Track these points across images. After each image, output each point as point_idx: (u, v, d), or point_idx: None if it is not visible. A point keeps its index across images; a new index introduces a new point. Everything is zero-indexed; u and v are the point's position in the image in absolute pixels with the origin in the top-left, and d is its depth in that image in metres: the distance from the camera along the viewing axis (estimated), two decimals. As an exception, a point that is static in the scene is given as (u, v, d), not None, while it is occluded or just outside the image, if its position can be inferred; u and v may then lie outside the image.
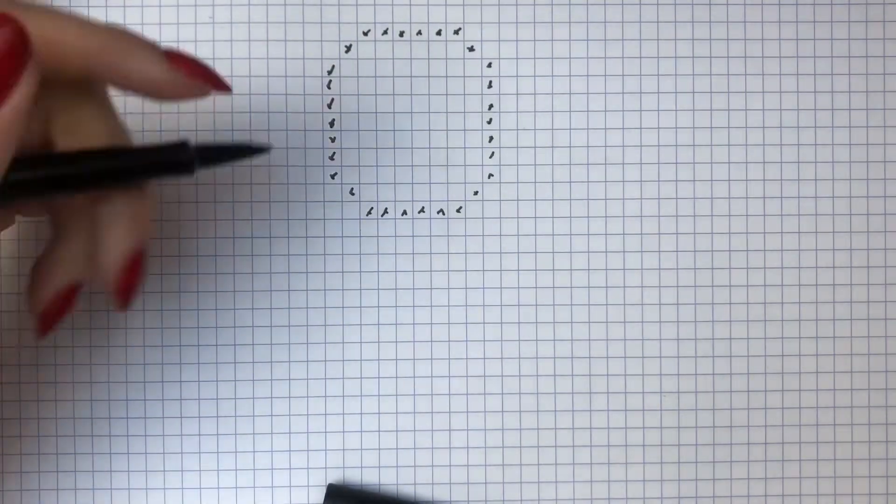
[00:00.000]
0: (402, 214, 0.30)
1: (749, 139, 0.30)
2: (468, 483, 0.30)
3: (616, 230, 0.30)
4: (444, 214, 0.30)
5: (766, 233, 0.30)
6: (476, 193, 0.30)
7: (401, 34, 0.30)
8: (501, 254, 0.30)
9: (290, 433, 0.30)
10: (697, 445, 0.30)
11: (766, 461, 0.30)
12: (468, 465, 0.30)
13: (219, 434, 0.29)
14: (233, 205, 0.30)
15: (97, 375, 0.29)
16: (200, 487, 0.29)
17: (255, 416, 0.30)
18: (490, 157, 0.30)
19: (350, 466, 0.30)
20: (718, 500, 0.30)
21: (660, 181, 0.30)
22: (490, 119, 0.30)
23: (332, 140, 0.30)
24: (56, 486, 0.29)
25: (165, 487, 0.29)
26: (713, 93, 0.30)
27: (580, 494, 0.30)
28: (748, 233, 0.30)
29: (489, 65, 0.30)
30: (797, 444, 0.30)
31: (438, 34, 0.30)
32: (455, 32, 0.30)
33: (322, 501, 0.29)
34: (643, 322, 0.30)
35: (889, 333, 0.31)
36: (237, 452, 0.30)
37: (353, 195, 0.30)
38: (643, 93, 0.30)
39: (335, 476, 0.30)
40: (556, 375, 0.30)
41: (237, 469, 0.29)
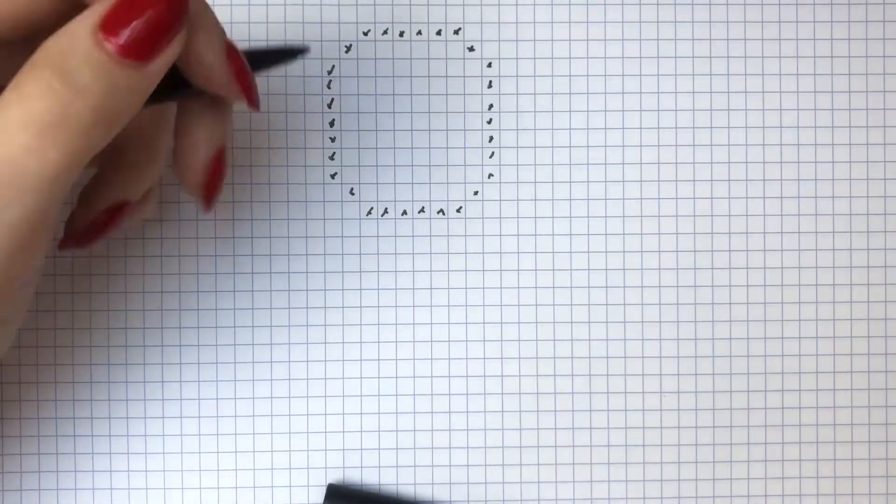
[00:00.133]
0: (402, 214, 0.30)
1: (749, 139, 0.30)
2: (468, 483, 0.30)
3: (616, 230, 0.30)
4: (444, 214, 0.30)
5: (766, 233, 0.30)
6: (476, 193, 0.30)
7: (401, 34, 0.30)
8: (501, 254, 0.30)
9: (290, 433, 0.30)
10: (697, 445, 0.30)
11: (766, 461, 0.30)
12: (468, 465, 0.30)
13: (219, 434, 0.29)
14: (233, 205, 0.30)
15: (97, 375, 0.29)
16: (200, 487, 0.29)
17: (255, 416, 0.30)
18: (490, 157, 0.30)
19: (350, 466, 0.30)
20: (718, 500, 0.30)
21: (660, 181, 0.30)
22: (490, 119, 0.30)
23: (332, 140, 0.30)
24: (56, 486, 0.29)
25: (165, 487, 0.29)
26: (713, 93, 0.30)
27: (580, 494, 0.30)
28: (748, 233, 0.30)
29: (489, 65, 0.30)
30: (797, 444, 0.30)
31: (438, 34, 0.30)
32: (455, 32, 0.30)
33: (322, 501, 0.29)
34: (643, 322, 0.30)
35: (889, 333, 0.31)
36: (237, 452, 0.30)
37: (353, 195, 0.30)
38: (643, 93, 0.30)
39: (335, 476, 0.30)
40: (556, 375, 0.30)
41: (237, 469, 0.29)
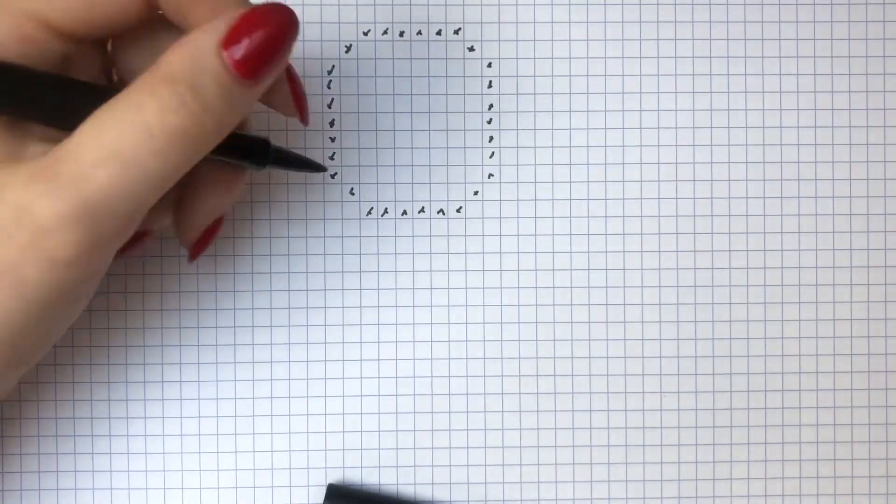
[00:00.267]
0: (402, 214, 0.30)
1: (749, 139, 0.30)
2: (468, 483, 0.30)
3: (616, 230, 0.30)
4: (444, 214, 0.30)
5: (766, 233, 0.30)
6: (476, 193, 0.30)
7: (401, 34, 0.30)
8: (501, 254, 0.30)
9: (290, 433, 0.30)
10: (697, 445, 0.30)
11: (766, 461, 0.30)
12: (468, 465, 0.30)
13: (219, 434, 0.29)
14: (233, 205, 0.29)
15: (97, 375, 0.29)
16: (200, 487, 0.29)
17: (255, 416, 0.30)
18: (490, 157, 0.30)
19: (350, 466, 0.30)
20: (718, 500, 0.30)
21: (660, 181, 0.30)
22: (490, 119, 0.30)
23: (332, 140, 0.30)
24: (56, 486, 0.29)
25: (165, 487, 0.29)
26: (713, 93, 0.30)
27: (580, 494, 0.30)
28: (748, 233, 0.30)
29: (489, 65, 0.30)
30: (797, 444, 0.30)
31: (438, 34, 0.30)
32: (455, 32, 0.30)
33: (322, 501, 0.29)
34: (643, 322, 0.30)
35: (889, 333, 0.31)
36: (237, 452, 0.30)
37: (353, 195, 0.30)
38: (643, 93, 0.30)
39: (335, 476, 0.30)
40: (556, 375, 0.30)
41: (237, 469, 0.29)
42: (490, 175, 0.30)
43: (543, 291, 0.30)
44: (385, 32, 0.30)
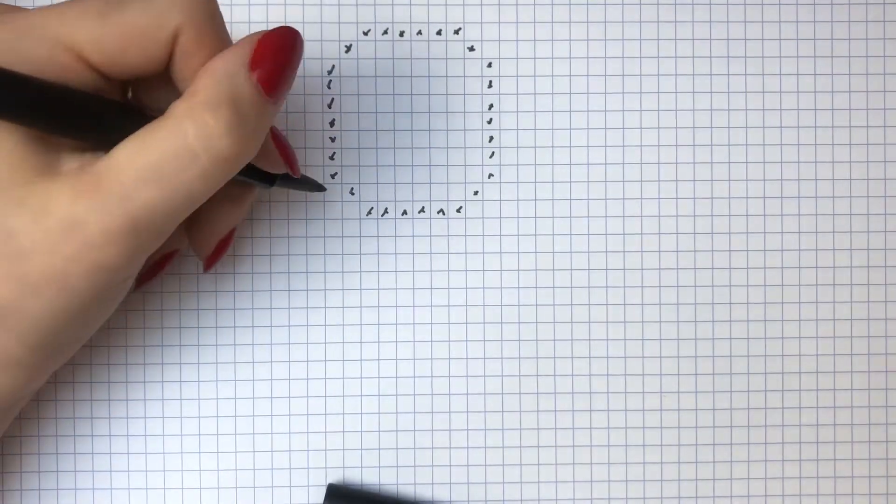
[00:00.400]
0: (402, 214, 0.30)
1: (749, 139, 0.30)
2: (468, 483, 0.30)
3: (616, 230, 0.30)
4: (444, 214, 0.30)
5: (766, 233, 0.30)
6: (476, 193, 0.30)
7: (401, 34, 0.30)
8: (501, 254, 0.30)
9: (290, 433, 0.30)
10: (697, 445, 0.30)
11: (766, 461, 0.30)
12: (468, 465, 0.30)
13: (219, 434, 0.29)
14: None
15: (97, 375, 0.29)
16: (200, 487, 0.29)
17: (255, 416, 0.30)
18: (490, 157, 0.30)
19: (350, 466, 0.30)
20: (718, 500, 0.30)
21: (660, 181, 0.30)
22: (490, 119, 0.30)
23: (332, 140, 0.30)
24: (56, 486, 0.29)
25: (165, 487, 0.29)
26: (713, 93, 0.30)
27: (580, 494, 0.30)
28: (748, 233, 0.30)
29: (489, 65, 0.30)
30: (797, 444, 0.30)
31: (438, 34, 0.30)
32: (455, 32, 0.30)
33: (322, 501, 0.29)
34: (643, 322, 0.30)
35: (889, 333, 0.31)
36: (237, 452, 0.30)
37: (353, 195, 0.30)
38: (643, 93, 0.30)
39: (335, 476, 0.30)
40: (556, 375, 0.30)
41: (237, 469, 0.29)
42: (490, 175, 0.30)
43: (543, 291, 0.30)
44: (385, 32, 0.30)
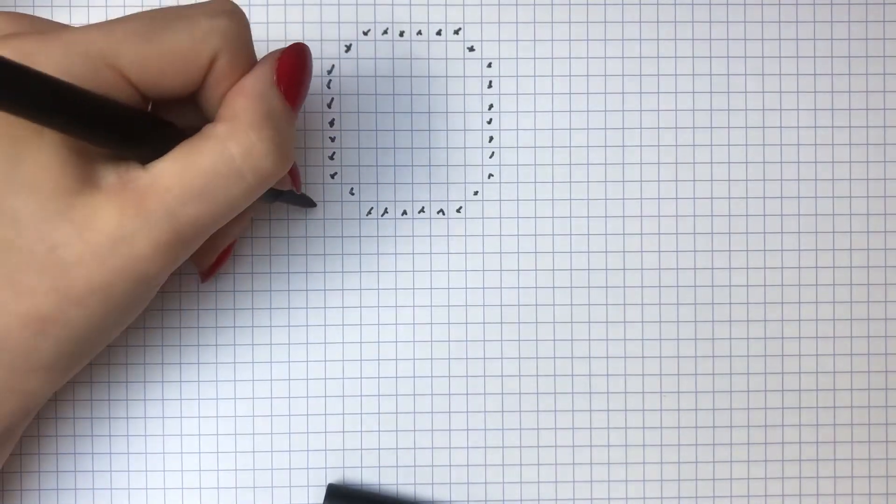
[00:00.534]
0: (402, 214, 0.30)
1: (749, 139, 0.30)
2: (468, 483, 0.30)
3: (616, 230, 0.30)
4: (444, 214, 0.30)
5: (766, 233, 0.30)
6: (476, 193, 0.30)
7: (401, 34, 0.30)
8: (501, 254, 0.30)
9: (290, 433, 0.30)
10: (697, 445, 0.30)
11: (766, 461, 0.30)
12: (468, 465, 0.30)
13: (219, 434, 0.29)
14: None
15: (97, 375, 0.29)
16: (200, 487, 0.29)
17: (255, 417, 0.30)
18: (490, 157, 0.30)
19: (350, 466, 0.30)
20: (718, 500, 0.30)
21: (660, 181, 0.30)
22: (490, 119, 0.30)
23: (332, 140, 0.30)
24: (56, 486, 0.29)
25: (165, 487, 0.29)
26: (713, 93, 0.30)
27: (580, 494, 0.30)
28: (748, 233, 0.30)
29: (489, 65, 0.30)
30: (797, 444, 0.30)
31: (438, 34, 0.30)
32: (455, 32, 0.30)
33: (322, 501, 0.29)
34: (643, 322, 0.30)
35: (889, 333, 0.31)
36: (237, 452, 0.30)
37: (353, 195, 0.30)
38: (643, 93, 0.30)
39: (335, 476, 0.30)
40: (556, 375, 0.30)
41: (237, 469, 0.29)
42: (490, 175, 0.30)
43: (543, 291, 0.30)
44: (385, 32, 0.30)
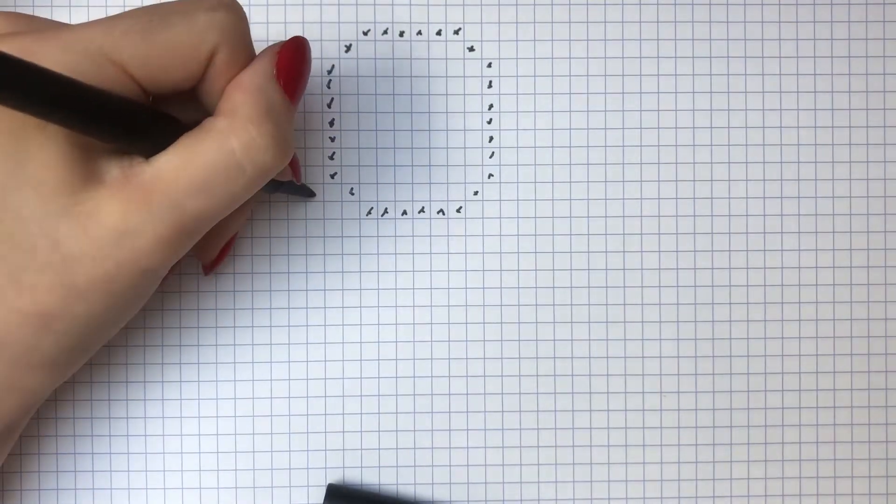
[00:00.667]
0: (402, 214, 0.30)
1: (749, 139, 0.30)
2: (468, 483, 0.30)
3: (616, 230, 0.30)
4: (444, 214, 0.30)
5: (766, 233, 0.30)
6: (476, 193, 0.30)
7: (401, 34, 0.30)
8: (501, 254, 0.30)
9: (290, 433, 0.30)
10: (697, 445, 0.30)
11: (766, 461, 0.30)
12: (468, 465, 0.30)
13: (219, 434, 0.29)
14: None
15: (97, 375, 0.29)
16: (200, 487, 0.29)
17: (255, 417, 0.30)
18: (490, 157, 0.30)
19: (350, 466, 0.30)
20: (718, 501, 0.30)
21: (660, 181, 0.30)
22: (490, 119, 0.30)
23: (332, 140, 0.30)
24: (56, 486, 0.29)
25: (165, 487, 0.29)
26: (713, 93, 0.30)
27: (580, 494, 0.30)
28: (748, 233, 0.30)
29: (489, 65, 0.30)
30: (797, 444, 0.30)
31: (438, 34, 0.30)
32: (455, 32, 0.30)
33: (322, 501, 0.29)
34: (643, 322, 0.30)
35: (889, 333, 0.31)
36: (237, 452, 0.30)
37: (353, 195, 0.30)
38: (643, 93, 0.30)
39: (335, 476, 0.30)
40: (556, 375, 0.30)
41: (237, 469, 0.29)
42: (490, 175, 0.30)
43: (543, 291, 0.30)
44: (385, 32, 0.30)
